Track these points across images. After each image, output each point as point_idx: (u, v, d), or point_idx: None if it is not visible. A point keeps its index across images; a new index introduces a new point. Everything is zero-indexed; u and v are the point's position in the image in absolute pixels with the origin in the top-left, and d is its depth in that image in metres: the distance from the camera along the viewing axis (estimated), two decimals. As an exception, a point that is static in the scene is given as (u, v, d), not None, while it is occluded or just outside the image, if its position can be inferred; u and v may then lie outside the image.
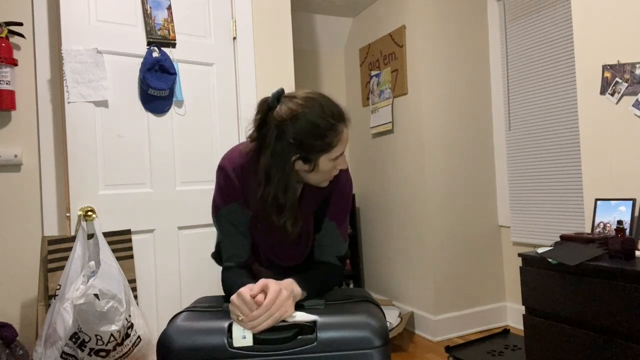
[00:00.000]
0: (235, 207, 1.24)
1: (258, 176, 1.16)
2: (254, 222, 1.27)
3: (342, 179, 1.31)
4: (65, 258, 1.91)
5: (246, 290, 1.02)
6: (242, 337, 1.00)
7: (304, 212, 1.27)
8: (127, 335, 1.84)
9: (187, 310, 1.13)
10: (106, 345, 1.77)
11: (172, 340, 1.00)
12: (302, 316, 1.03)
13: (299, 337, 1.00)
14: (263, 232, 1.29)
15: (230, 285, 1.20)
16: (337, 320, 1.02)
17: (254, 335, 1.00)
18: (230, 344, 0.99)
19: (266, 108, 1.14)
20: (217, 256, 1.42)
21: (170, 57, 2.22)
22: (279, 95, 1.14)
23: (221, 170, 1.25)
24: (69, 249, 1.91)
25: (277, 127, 1.11)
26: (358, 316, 1.03)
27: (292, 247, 1.32)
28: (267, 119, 1.13)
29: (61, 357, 1.74)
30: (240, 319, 1.01)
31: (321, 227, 1.31)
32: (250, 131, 1.19)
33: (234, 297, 1.03)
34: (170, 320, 1.09)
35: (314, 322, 1.02)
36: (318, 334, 1.00)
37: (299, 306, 1.10)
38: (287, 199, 1.15)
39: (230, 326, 1.02)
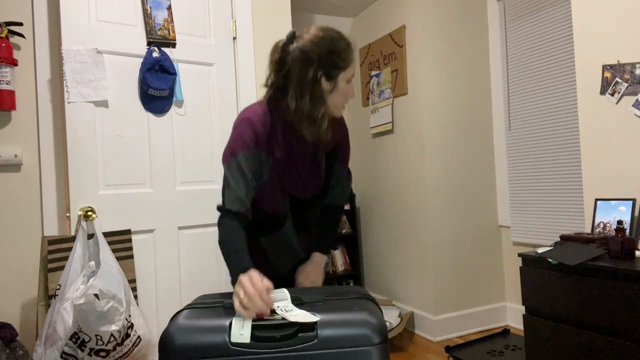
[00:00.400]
0: (253, 154, 1.33)
1: (283, 115, 1.34)
2: (277, 165, 1.38)
3: (345, 128, 1.57)
4: (65, 258, 1.91)
5: (257, 280, 1.08)
6: (239, 334, 1.01)
7: (319, 150, 1.46)
8: (127, 335, 1.84)
9: (188, 307, 1.14)
10: (106, 345, 1.77)
11: (174, 339, 1.01)
12: (303, 315, 1.04)
13: (300, 334, 1.01)
14: (288, 171, 1.41)
15: (228, 239, 1.27)
16: (337, 317, 1.04)
17: (254, 333, 1.01)
18: (232, 342, 1.00)
19: (283, 46, 1.30)
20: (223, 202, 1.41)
21: (170, 57, 2.22)
22: (294, 33, 1.30)
23: (243, 119, 1.35)
24: (69, 249, 1.91)
25: (302, 53, 1.27)
26: (357, 314, 1.05)
27: (312, 179, 1.46)
28: (286, 56, 1.29)
29: (61, 357, 1.74)
30: (242, 298, 1.05)
31: (332, 170, 1.53)
32: (265, 84, 1.37)
33: (246, 282, 1.07)
34: (172, 318, 1.09)
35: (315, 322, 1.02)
36: (318, 332, 1.01)
37: (299, 304, 1.11)
38: (319, 111, 1.32)
39: (231, 324, 1.03)
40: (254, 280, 1.07)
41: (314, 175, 1.46)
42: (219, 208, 1.35)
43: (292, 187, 1.42)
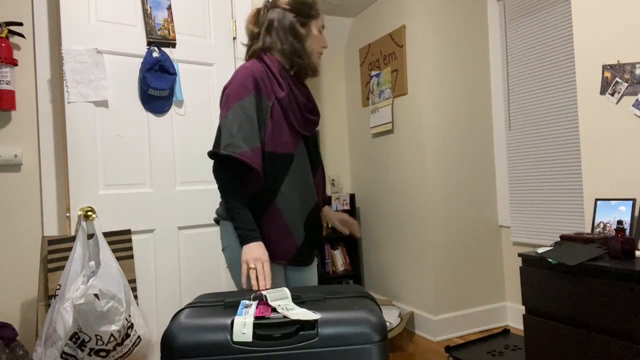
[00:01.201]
0: (260, 97, 1.46)
1: (276, 62, 1.53)
2: (280, 106, 1.50)
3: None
4: (65, 258, 1.91)
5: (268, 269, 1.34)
6: (242, 333, 1.02)
7: (311, 95, 1.64)
8: (127, 335, 1.84)
9: (190, 306, 1.15)
10: (106, 345, 1.77)
11: (176, 337, 1.02)
12: (304, 314, 1.05)
13: (301, 332, 1.02)
14: (291, 110, 1.52)
15: (234, 192, 1.41)
16: (337, 316, 1.05)
17: (256, 331, 1.02)
18: (234, 340, 1.01)
19: (260, 10, 1.56)
20: (216, 146, 1.45)
21: (170, 57, 2.22)
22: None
23: (246, 68, 1.47)
24: (69, 249, 1.91)
25: (279, 7, 1.52)
26: (357, 312, 1.06)
27: (312, 116, 1.61)
28: (265, 15, 1.54)
29: (61, 357, 1.74)
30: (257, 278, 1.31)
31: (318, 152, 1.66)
32: (247, 44, 1.59)
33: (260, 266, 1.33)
34: (173, 317, 1.10)
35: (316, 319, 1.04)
36: (319, 330, 1.02)
37: (300, 302, 1.12)
38: (303, 47, 1.53)
39: (232, 322, 1.04)
40: (265, 266, 1.33)
41: (313, 111, 1.62)
42: (218, 155, 1.40)
43: (298, 122, 1.54)
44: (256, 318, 1.05)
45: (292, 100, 1.52)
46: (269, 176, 1.45)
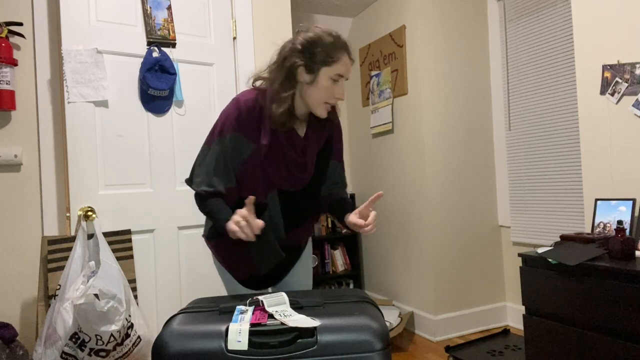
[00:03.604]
0: (240, 138, 1.36)
1: (272, 98, 1.35)
2: (260, 153, 1.37)
3: (339, 124, 1.55)
4: (65, 258, 1.91)
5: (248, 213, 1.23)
6: (237, 341, 0.97)
7: (309, 146, 1.44)
8: (127, 335, 1.84)
9: (183, 312, 1.10)
10: (106, 345, 1.77)
11: (168, 345, 0.97)
12: (302, 320, 1.01)
13: (299, 340, 0.98)
14: (273, 162, 1.40)
15: (223, 209, 1.33)
16: (337, 322, 1.00)
17: (252, 339, 0.98)
18: (229, 348, 0.97)
19: (280, 60, 1.37)
20: (190, 177, 1.44)
21: (170, 57, 2.22)
22: (298, 30, 1.39)
23: (236, 101, 1.38)
24: (69, 249, 1.91)
25: (290, 43, 1.35)
26: (358, 318, 1.01)
27: (298, 173, 1.44)
28: (282, 49, 1.37)
29: (61, 357, 1.74)
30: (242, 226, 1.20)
31: (328, 166, 1.52)
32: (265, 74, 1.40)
33: (241, 211, 1.23)
34: (166, 324, 1.06)
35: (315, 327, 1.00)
36: (318, 337, 0.98)
37: (298, 308, 1.09)
38: (285, 95, 1.33)
39: (227, 330, 0.99)
40: (247, 214, 1.22)
41: (301, 169, 1.43)
42: (191, 184, 1.39)
43: (277, 178, 1.41)
44: (252, 325, 1.00)
45: (276, 153, 1.38)
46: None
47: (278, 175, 1.40)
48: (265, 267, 1.47)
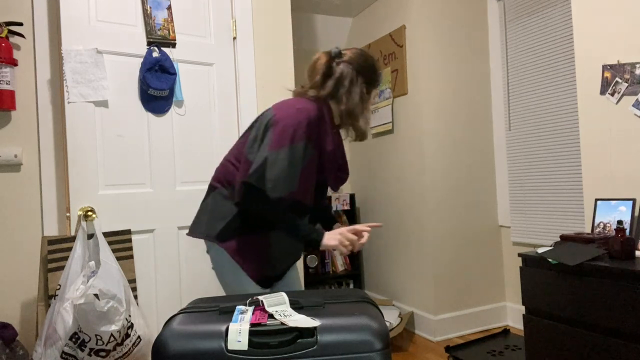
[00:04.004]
0: (308, 145, 1.47)
1: (331, 114, 1.57)
2: (316, 159, 1.51)
3: None
4: (65, 258, 1.91)
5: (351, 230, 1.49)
6: (237, 341, 0.97)
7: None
8: (127, 335, 1.84)
9: (183, 312, 1.10)
10: (106, 345, 1.77)
11: (168, 345, 0.97)
12: (302, 320, 1.01)
13: (299, 340, 0.98)
14: (331, 166, 1.56)
15: (300, 223, 1.45)
16: (338, 322, 1.00)
17: (252, 339, 0.98)
18: (229, 348, 0.97)
19: (332, 58, 1.57)
20: (259, 180, 1.42)
21: (170, 57, 2.22)
22: (339, 51, 1.59)
23: (305, 111, 1.48)
24: (69, 249, 1.91)
25: (350, 64, 1.56)
26: (358, 318, 1.01)
27: (344, 174, 1.66)
28: (335, 66, 1.56)
29: (61, 357, 1.74)
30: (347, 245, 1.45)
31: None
32: (311, 86, 1.59)
33: (346, 232, 1.47)
34: (166, 324, 1.06)
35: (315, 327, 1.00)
36: (318, 337, 0.98)
37: (298, 308, 1.09)
38: (363, 112, 1.58)
39: (227, 330, 0.99)
40: (347, 232, 1.47)
41: (346, 171, 1.66)
42: (263, 187, 1.40)
43: (330, 180, 1.58)
44: (252, 325, 1.00)
45: (335, 156, 1.56)
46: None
47: (330, 178, 1.57)
48: (282, 267, 1.54)
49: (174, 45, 2.26)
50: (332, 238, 1.45)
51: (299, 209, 1.50)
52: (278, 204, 1.41)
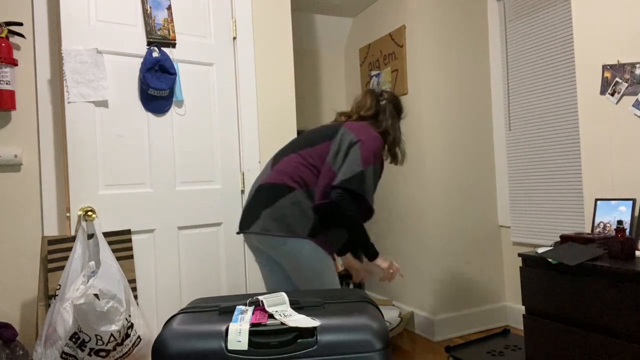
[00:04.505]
0: (380, 167, 1.86)
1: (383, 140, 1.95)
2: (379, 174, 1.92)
3: None
4: (65, 258, 1.91)
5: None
6: (237, 341, 0.97)
7: None
8: (127, 335, 1.84)
9: (183, 311, 1.10)
10: (106, 345, 1.77)
11: (168, 345, 0.97)
12: (302, 320, 1.01)
13: (299, 340, 0.98)
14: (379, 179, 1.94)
15: (364, 229, 1.81)
16: (337, 322, 1.00)
17: (252, 339, 0.98)
18: (229, 348, 0.97)
19: (378, 95, 2.00)
20: (360, 188, 1.73)
21: (170, 57, 2.22)
22: (382, 90, 2.03)
23: (377, 136, 1.86)
24: (69, 249, 1.91)
25: (391, 102, 2.00)
26: (358, 318, 1.01)
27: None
28: (380, 102, 1.98)
29: (61, 357, 1.74)
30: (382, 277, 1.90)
31: None
32: (366, 112, 1.97)
33: (394, 262, 1.95)
34: (166, 323, 1.05)
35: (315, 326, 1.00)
36: (318, 337, 0.98)
37: (298, 308, 1.09)
38: (401, 141, 2.00)
39: (227, 330, 0.99)
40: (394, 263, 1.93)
41: None
42: (364, 198, 1.74)
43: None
44: (252, 325, 1.00)
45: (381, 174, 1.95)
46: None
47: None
48: (337, 249, 1.93)
49: (174, 45, 2.26)
50: (384, 259, 1.92)
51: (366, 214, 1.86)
52: (369, 210, 1.79)
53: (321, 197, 1.72)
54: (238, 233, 1.88)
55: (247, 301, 1.13)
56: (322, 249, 1.76)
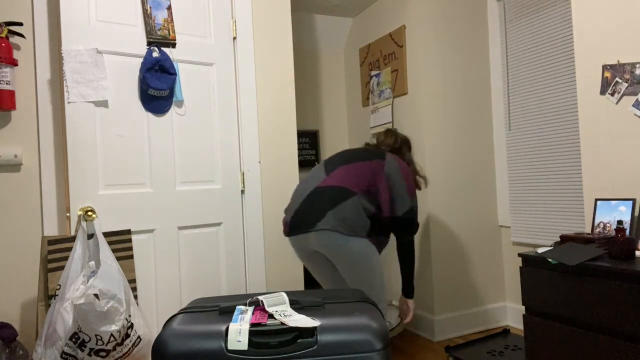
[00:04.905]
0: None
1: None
2: None
3: None
4: (65, 258, 1.91)
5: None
6: (237, 341, 0.97)
7: None
8: (127, 335, 1.84)
9: (183, 311, 1.10)
10: (106, 345, 1.77)
11: (168, 345, 0.97)
12: (302, 320, 1.01)
13: (299, 340, 0.98)
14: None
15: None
16: (337, 322, 1.00)
17: (252, 339, 0.98)
18: (229, 348, 0.97)
19: (395, 133, 2.35)
20: (412, 220, 2.15)
21: (170, 57, 2.22)
22: (396, 129, 2.48)
23: (407, 167, 2.19)
24: (69, 249, 1.91)
25: (405, 142, 2.36)
26: (358, 318, 1.01)
27: None
28: (398, 139, 2.33)
29: (61, 357, 1.74)
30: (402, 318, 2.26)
31: None
32: (389, 147, 2.31)
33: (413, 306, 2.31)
34: (166, 323, 1.05)
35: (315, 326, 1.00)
36: (318, 337, 0.98)
37: (298, 308, 1.09)
38: (421, 169, 2.44)
39: (227, 329, 0.99)
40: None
41: None
42: (412, 228, 2.16)
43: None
44: (252, 325, 0.99)
45: None
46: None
47: None
48: (381, 249, 2.19)
49: (174, 45, 2.26)
50: (414, 304, 2.39)
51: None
52: (414, 233, 2.18)
53: (388, 209, 2.07)
54: (290, 235, 2.06)
55: (247, 301, 1.13)
56: (375, 247, 2.07)
